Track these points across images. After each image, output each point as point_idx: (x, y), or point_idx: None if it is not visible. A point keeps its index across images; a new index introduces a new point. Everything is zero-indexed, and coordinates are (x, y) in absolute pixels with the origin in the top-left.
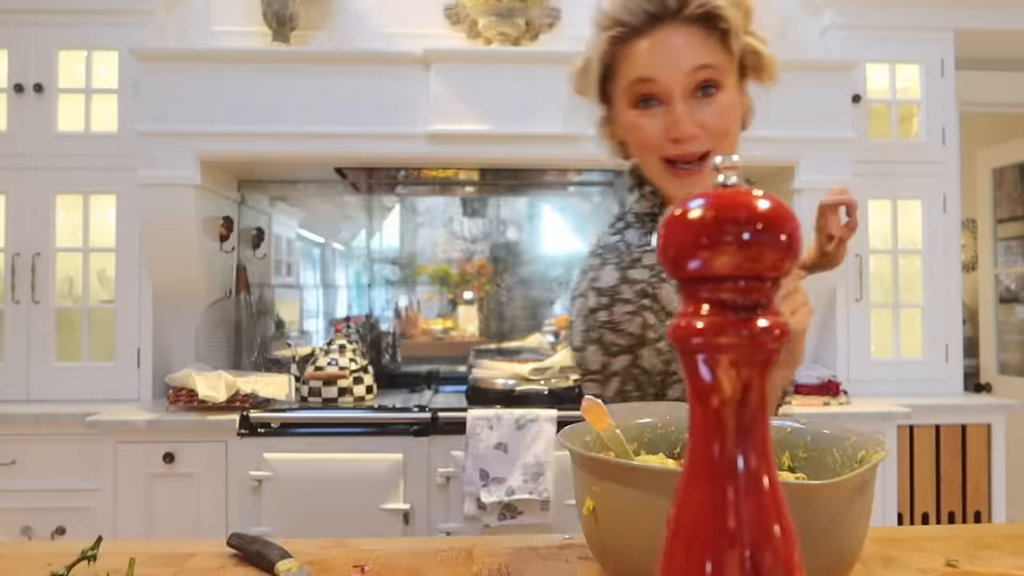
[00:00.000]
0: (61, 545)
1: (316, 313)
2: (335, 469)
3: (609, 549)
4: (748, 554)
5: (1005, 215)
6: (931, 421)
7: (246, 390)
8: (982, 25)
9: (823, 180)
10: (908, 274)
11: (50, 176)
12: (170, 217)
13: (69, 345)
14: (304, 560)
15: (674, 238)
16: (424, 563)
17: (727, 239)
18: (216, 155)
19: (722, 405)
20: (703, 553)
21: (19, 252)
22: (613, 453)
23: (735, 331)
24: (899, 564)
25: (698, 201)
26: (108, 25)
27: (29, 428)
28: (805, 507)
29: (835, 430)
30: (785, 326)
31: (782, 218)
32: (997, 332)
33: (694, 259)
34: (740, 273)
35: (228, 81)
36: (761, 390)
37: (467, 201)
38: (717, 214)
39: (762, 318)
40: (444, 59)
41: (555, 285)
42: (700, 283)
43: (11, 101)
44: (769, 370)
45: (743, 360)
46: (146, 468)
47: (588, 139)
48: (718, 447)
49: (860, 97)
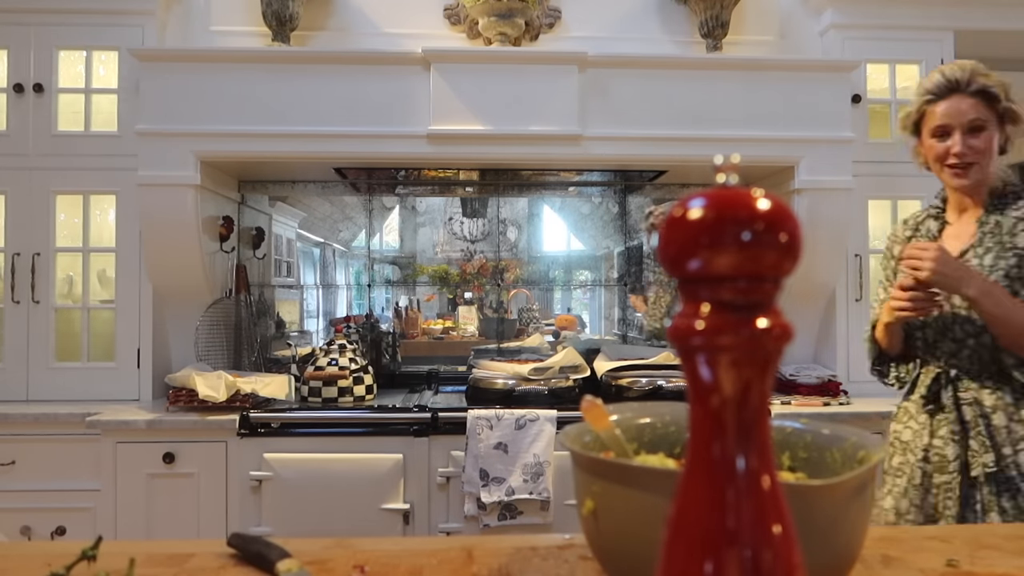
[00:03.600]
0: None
1: (316, 313)
2: (335, 469)
3: (609, 549)
4: (748, 554)
5: None
6: None
7: (246, 390)
8: (982, 25)
9: (823, 180)
10: None
11: (50, 176)
12: (170, 217)
13: (69, 345)
14: (304, 560)
15: (674, 238)
16: (424, 563)
17: (727, 239)
18: (216, 155)
19: (722, 405)
20: (703, 553)
21: (19, 252)
22: (613, 453)
23: (735, 331)
24: (899, 564)
25: (698, 201)
26: (108, 25)
27: (29, 428)
28: (805, 507)
29: (835, 430)
30: (785, 326)
31: (782, 218)
32: None
33: (694, 259)
34: (740, 273)
35: (228, 81)
36: (761, 390)
37: (467, 201)
38: (717, 214)
39: (762, 318)
40: (444, 59)
41: (555, 285)
42: (700, 283)
43: (11, 101)
44: (770, 370)
45: (743, 360)
46: (146, 468)
47: (588, 139)
48: (718, 447)
49: (860, 97)
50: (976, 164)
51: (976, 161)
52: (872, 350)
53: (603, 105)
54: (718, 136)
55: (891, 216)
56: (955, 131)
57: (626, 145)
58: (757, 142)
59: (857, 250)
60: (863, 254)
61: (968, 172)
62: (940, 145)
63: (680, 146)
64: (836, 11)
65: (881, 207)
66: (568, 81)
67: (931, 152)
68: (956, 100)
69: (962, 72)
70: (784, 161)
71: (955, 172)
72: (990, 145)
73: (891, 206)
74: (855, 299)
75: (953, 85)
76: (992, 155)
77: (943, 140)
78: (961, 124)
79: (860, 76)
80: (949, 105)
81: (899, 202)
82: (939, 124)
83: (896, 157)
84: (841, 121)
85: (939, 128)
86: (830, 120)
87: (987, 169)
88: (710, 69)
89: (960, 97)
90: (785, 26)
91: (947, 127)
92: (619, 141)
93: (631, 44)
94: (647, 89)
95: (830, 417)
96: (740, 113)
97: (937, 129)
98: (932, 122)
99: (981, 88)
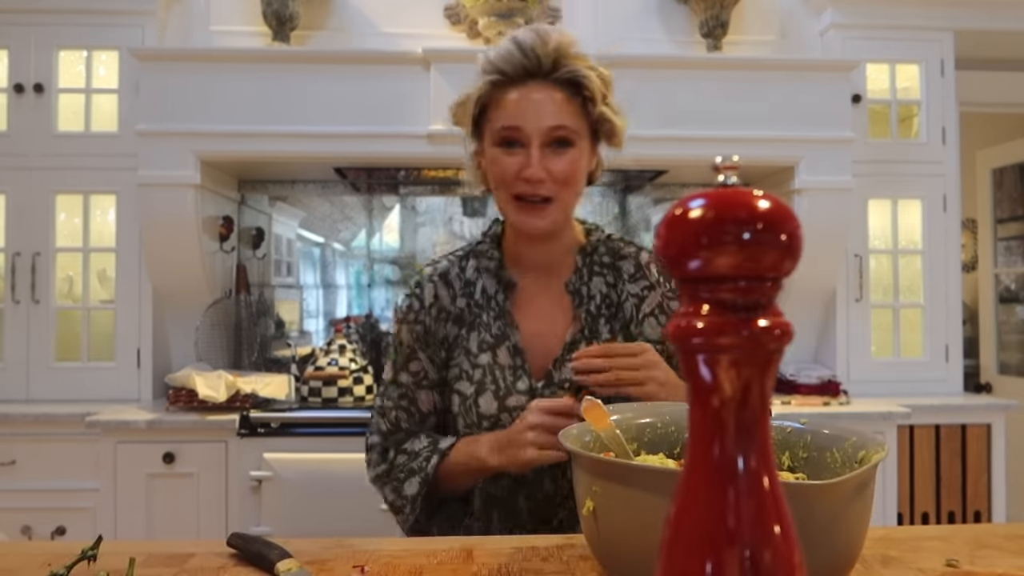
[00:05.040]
0: (61, 545)
1: (316, 313)
2: (335, 469)
3: (609, 549)
4: (748, 554)
5: (1005, 215)
6: (931, 421)
7: (246, 390)
8: (982, 25)
9: (823, 180)
10: (908, 274)
11: (50, 176)
12: (170, 217)
13: (69, 345)
14: (304, 560)
15: (674, 238)
16: (424, 563)
17: (727, 239)
18: (216, 155)
19: (722, 405)
20: (703, 553)
21: (19, 252)
22: (613, 453)
23: (735, 331)
24: (899, 564)
25: (698, 201)
26: (108, 25)
27: (29, 428)
28: (805, 507)
29: (835, 430)
30: (786, 325)
31: (782, 218)
32: (997, 332)
33: (694, 259)
34: (740, 273)
35: (228, 81)
36: (761, 390)
37: (467, 201)
38: (717, 214)
39: (762, 318)
40: (444, 59)
41: None
42: (700, 283)
43: (11, 101)
44: (770, 370)
45: (743, 360)
46: (146, 468)
47: None
48: (718, 447)
49: (860, 97)
50: (555, 201)
51: (553, 196)
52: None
53: None
54: (718, 136)
55: (891, 216)
56: (530, 141)
57: (626, 145)
58: (757, 142)
59: (857, 250)
60: (863, 254)
61: (547, 210)
62: (507, 160)
63: (680, 146)
64: (836, 11)
65: (881, 207)
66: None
67: (495, 167)
68: (536, 90)
69: (543, 44)
70: (784, 161)
71: (524, 208)
72: (577, 171)
73: (891, 206)
74: (855, 299)
75: (532, 64)
76: (579, 188)
77: (511, 151)
78: (539, 131)
79: (860, 76)
80: (524, 96)
81: (899, 202)
82: (507, 125)
83: (896, 157)
84: (841, 121)
85: (506, 131)
86: (830, 120)
87: (571, 208)
88: (710, 69)
89: (542, 87)
90: (785, 26)
91: (517, 132)
92: None
93: (631, 44)
94: (647, 89)
95: (830, 417)
96: (740, 113)
97: (504, 132)
98: (498, 119)
99: (572, 77)
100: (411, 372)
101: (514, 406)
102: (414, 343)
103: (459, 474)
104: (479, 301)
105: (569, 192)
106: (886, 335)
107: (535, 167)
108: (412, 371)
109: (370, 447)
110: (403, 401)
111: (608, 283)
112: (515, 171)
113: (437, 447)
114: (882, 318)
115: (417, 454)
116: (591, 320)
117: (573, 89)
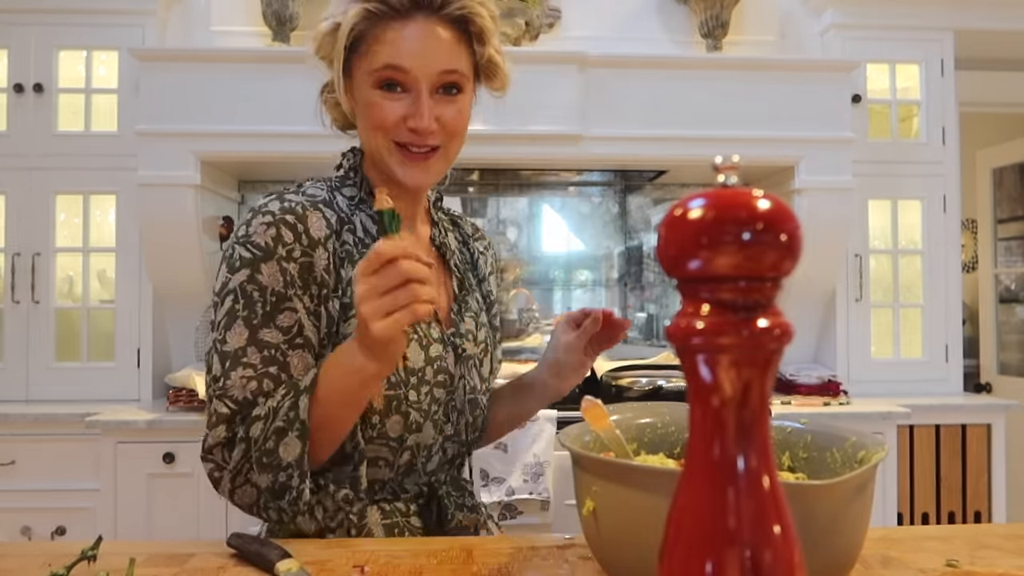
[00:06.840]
0: (61, 545)
1: None
2: None
3: (609, 549)
4: (748, 554)
5: (1005, 215)
6: (931, 421)
7: None
8: (982, 25)
9: (823, 180)
10: (908, 274)
11: (50, 176)
12: (170, 217)
13: (69, 345)
14: (304, 560)
15: (674, 238)
16: (424, 563)
17: (727, 239)
18: (216, 155)
19: (722, 405)
20: (703, 553)
21: (19, 252)
22: (613, 453)
23: (735, 331)
24: (899, 564)
25: (698, 201)
26: (108, 25)
27: (29, 428)
28: (805, 507)
29: (835, 430)
30: (786, 325)
31: (782, 218)
32: (997, 332)
33: (694, 259)
34: (740, 273)
35: (228, 81)
36: (761, 390)
37: (467, 201)
38: (717, 214)
39: (762, 318)
40: None
41: (555, 285)
42: (700, 283)
43: (11, 101)
44: (770, 370)
45: (743, 360)
46: (146, 468)
47: (588, 139)
48: (718, 447)
49: (860, 97)
50: (441, 150)
51: (441, 145)
52: None
53: (603, 105)
54: (718, 136)
55: (891, 216)
56: (418, 86)
57: (626, 145)
58: (757, 142)
59: (857, 250)
60: (863, 254)
61: (431, 162)
62: (389, 104)
63: (680, 146)
64: (836, 11)
65: (881, 207)
66: (568, 81)
67: (371, 112)
68: (423, 26)
69: None
70: (784, 161)
71: (410, 157)
72: (466, 119)
73: (891, 206)
74: (855, 299)
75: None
76: (464, 137)
77: (391, 95)
78: (429, 75)
79: (860, 76)
80: (410, 33)
81: (899, 202)
82: (391, 64)
83: (896, 157)
84: (841, 121)
85: (389, 72)
86: (830, 120)
87: (454, 159)
88: (710, 69)
89: (428, 22)
90: (785, 26)
91: (402, 75)
92: (619, 141)
93: (631, 44)
94: (647, 89)
95: (830, 417)
96: (740, 113)
97: (386, 72)
98: (378, 56)
99: (463, 13)
100: (279, 327)
101: (435, 356)
102: (286, 288)
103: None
104: (363, 239)
105: (456, 142)
106: (886, 335)
107: (426, 118)
108: (281, 326)
109: (209, 450)
110: (269, 367)
111: (458, 239)
112: (398, 118)
113: (298, 388)
114: (882, 318)
115: (276, 410)
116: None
117: (461, 26)
